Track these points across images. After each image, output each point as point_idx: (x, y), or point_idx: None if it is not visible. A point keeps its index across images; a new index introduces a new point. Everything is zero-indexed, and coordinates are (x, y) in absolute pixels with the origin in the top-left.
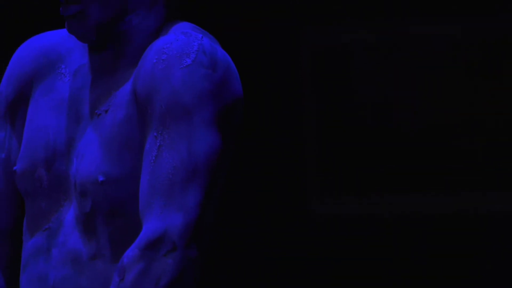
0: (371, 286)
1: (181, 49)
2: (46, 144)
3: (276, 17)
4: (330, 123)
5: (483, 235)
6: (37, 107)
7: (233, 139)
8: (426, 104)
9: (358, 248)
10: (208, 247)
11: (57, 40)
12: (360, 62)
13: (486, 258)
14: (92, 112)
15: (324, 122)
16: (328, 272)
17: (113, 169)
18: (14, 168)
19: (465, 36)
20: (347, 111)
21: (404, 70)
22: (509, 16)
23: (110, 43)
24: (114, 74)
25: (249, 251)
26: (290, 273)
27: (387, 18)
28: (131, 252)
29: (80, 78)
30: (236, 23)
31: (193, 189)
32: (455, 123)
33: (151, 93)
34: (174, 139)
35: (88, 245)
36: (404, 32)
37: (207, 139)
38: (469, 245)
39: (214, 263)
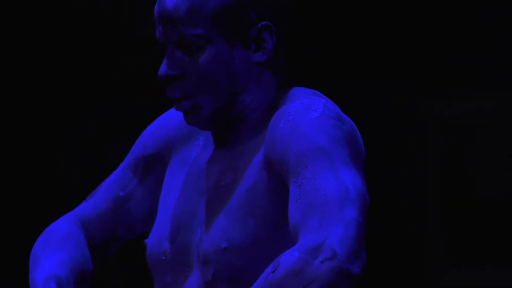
0: None
1: (306, 107)
2: (173, 218)
3: (401, 87)
4: (453, 194)
5: None
6: (172, 181)
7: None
8: None
9: None
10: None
11: None
12: (483, 133)
13: None
14: (217, 184)
15: (447, 193)
16: None
17: (237, 236)
18: (145, 241)
19: None
20: (470, 185)
21: None
22: None
23: (229, 123)
24: (235, 148)
25: None
26: None
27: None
28: (291, 252)
29: (207, 151)
30: (357, 91)
31: (349, 206)
32: None
33: (284, 151)
34: (317, 172)
35: None
36: None
37: (352, 174)
38: None
39: None
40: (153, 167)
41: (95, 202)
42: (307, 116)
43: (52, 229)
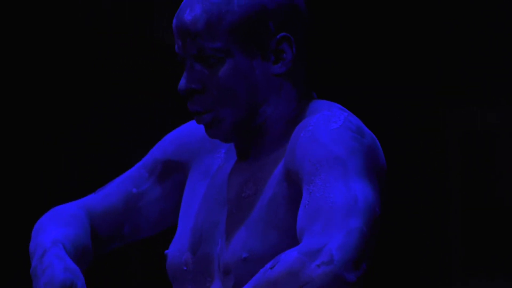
0: None
1: (327, 119)
2: (194, 229)
3: (422, 97)
4: (475, 203)
5: None
6: (193, 192)
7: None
8: None
9: None
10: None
11: None
12: (505, 142)
13: None
14: (238, 195)
15: (469, 202)
16: None
17: (258, 246)
18: (166, 251)
19: None
20: (492, 195)
21: None
22: None
23: (250, 135)
24: (256, 160)
25: None
26: None
27: None
28: (291, 251)
29: (229, 163)
30: (379, 101)
31: (354, 215)
32: None
33: (301, 160)
34: (329, 180)
35: None
36: None
37: (364, 186)
38: None
39: None
40: (171, 173)
41: (105, 195)
42: (326, 126)
43: (59, 208)
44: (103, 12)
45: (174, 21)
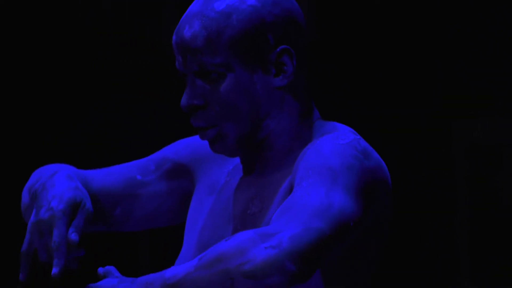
0: None
1: (336, 136)
2: (200, 245)
3: (429, 112)
4: (484, 217)
5: None
6: (200, 207)
7: (379, 229)
8: None
9: None
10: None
11: None
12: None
13: None
14: (243, 212)
15: (477, 216)
16: None
17: None
18: (172, 266)
19: None
20: (500, 207)
21: None
22: None
23: (255, 150)
24: (262, 176)
25: None
26: None
27: None
28: (249, 231)
29: (235, 178)
30: (386, 114)
31: (321, 218)
32: None
33: (299, 166)
34: (313, 185)
35: None
36: None
37: (346, 199)
38: None
39: None
40: (178, 175)
41: (108, 173)
42: (332, 141)
43: (59, 165)
44: (103, 12)
45: (174, 37)
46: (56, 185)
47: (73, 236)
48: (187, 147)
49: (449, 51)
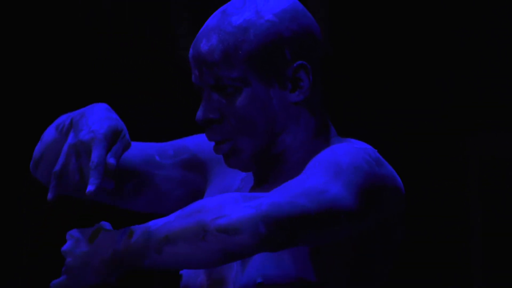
0: None
1: (351, 143)
2: None
3: (443, 125)
4: (497, 230)
5: None
6: None
7: (386, 234)
8: None
9: None
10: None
11: None
12: None
13: None
14: None
15: (489, 229)
16: None
17: (272, 271)
18: (181, 272)
19: None
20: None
21: None
22: None
23: (270, 164)
24: (274, 186)
25: None
26: None
27: None
28: (236, 193)
29: (246, 187)
30: (399, 126)
31: (310, 198)
32: None
33: (311, 162)
34: (316, 173)
35: None
36: None
37: (343, 193)
38: None
39: None
40: (193, 168)
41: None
42: (348, 145)
43: None
44: (103, 12)
45: (191, 51)
46: (96, 113)
47: (111, 160)
48: (209, 146)
49: (465, 63)
